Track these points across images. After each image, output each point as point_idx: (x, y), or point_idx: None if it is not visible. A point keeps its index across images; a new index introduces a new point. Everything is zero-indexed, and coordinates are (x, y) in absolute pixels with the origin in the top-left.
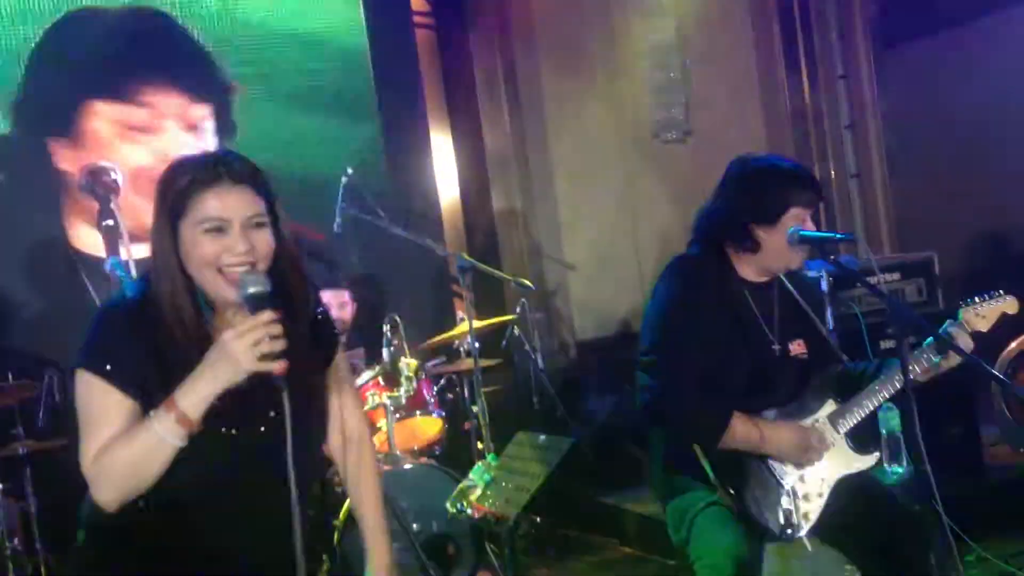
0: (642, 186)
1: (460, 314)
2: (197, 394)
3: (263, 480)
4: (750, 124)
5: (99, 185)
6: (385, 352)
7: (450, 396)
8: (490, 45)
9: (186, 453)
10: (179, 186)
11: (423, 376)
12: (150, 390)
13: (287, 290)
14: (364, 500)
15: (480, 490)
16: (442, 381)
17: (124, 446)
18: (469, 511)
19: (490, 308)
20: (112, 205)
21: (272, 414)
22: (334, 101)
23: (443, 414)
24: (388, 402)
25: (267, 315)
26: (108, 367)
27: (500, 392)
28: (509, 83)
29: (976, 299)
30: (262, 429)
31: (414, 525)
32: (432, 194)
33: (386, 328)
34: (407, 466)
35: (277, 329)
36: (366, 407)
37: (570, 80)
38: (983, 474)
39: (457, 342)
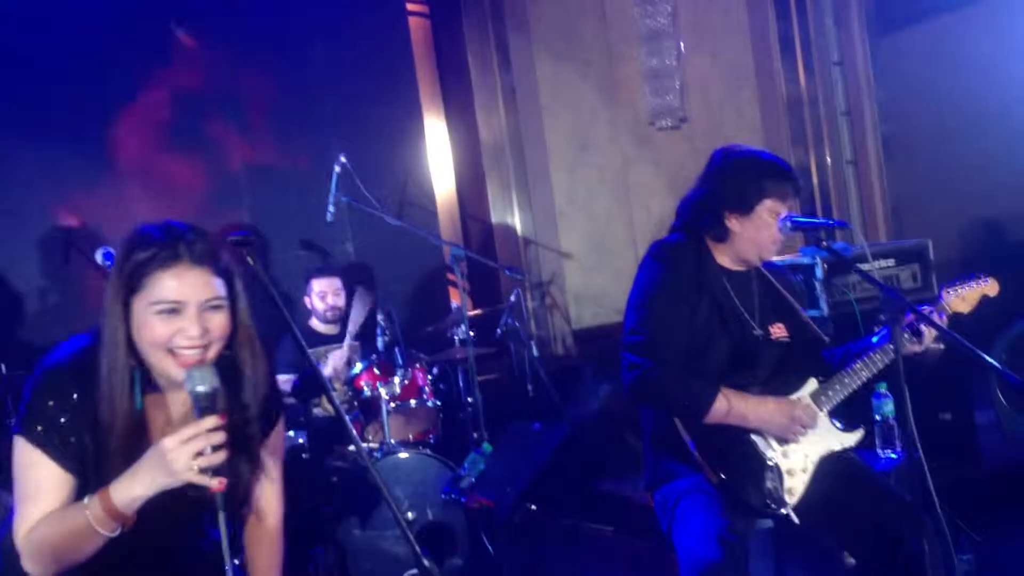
0: (637, 173)
1: (455, 303)
2: (131, 493)
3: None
4: (745, 111)
5: None
6: (379, 341)
7: (442, 386)
8: (484, 32)
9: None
10: (137, 260)
11: (418, 365)
12: (87, 464)
13: (239, 370)
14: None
15: (475, 479)
16: (436, 370)
17: (56, 529)
18: (464, 499)
19: (485, 297)
20: None
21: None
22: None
23: (438, 403)
24: (383, 391)
25: (210, 422)
26: (47, 438)
27: (495, 381)
28: (503, 70)
29: (957, 282)
30: (193, 523)
31: (409, 514)
32: (427, 183)
33: (380, 318)
34: (402, 455)
35: (219, 437)
36: (363, 395)
37: (565, 67)
38: (977, 460)
39: (452, 331)
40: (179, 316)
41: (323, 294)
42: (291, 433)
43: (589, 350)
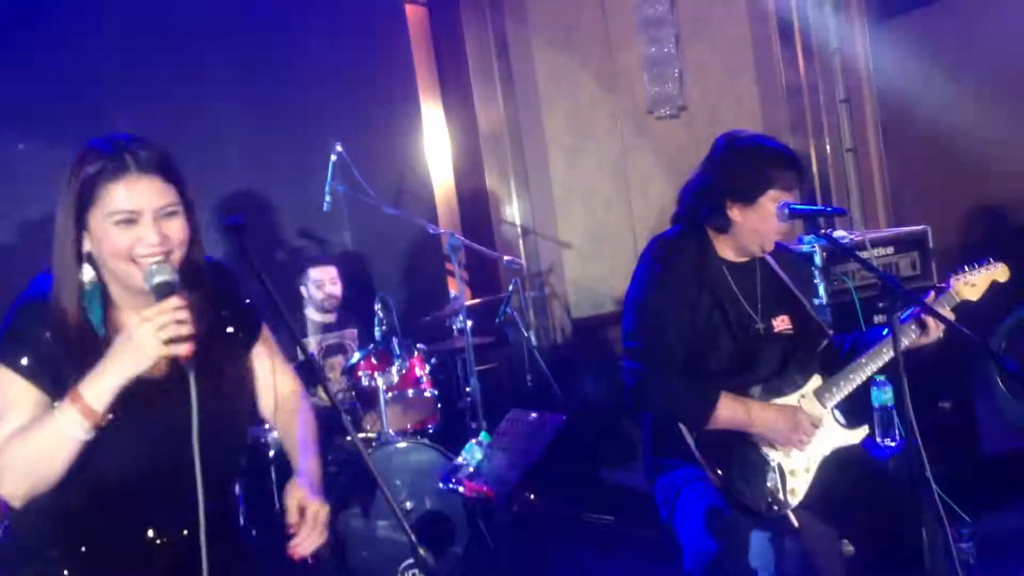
0: (637, 162)
1: (452, 292)
2: (102, 384)
3: (173, 466)
4: (744, 98)
5: None
6: (377, 331)
7: (440, 375)
8: (482, 21)
9: (94, 444)
10: (87, 174)
11: (415, 354)
12: (65, 384)
13: (200, 276)
14: (291, 433)
15: (473, 468)
16: (434, 359)
17: (26, 439)
18: (462, 489)
19: (483, 286)
20: None
21: (180, 403)
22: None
23: (436, 392)
24: (380, 381)
25: (173, 301)
26: (22, 360)
27: (494, 370)
28: (501, 59)
29: (966, 268)
30: (170, 418)
31: (407, 503)
32: (424, 172)
33: (377, 307)
34: (400, 445)
35: (183, 314)
36: (360, 385)
37: (563, 55)
38: (976, 447)
39: (450, 320)
40: (136, 225)
41: (320, 282)
42: None
43: (588, 339)
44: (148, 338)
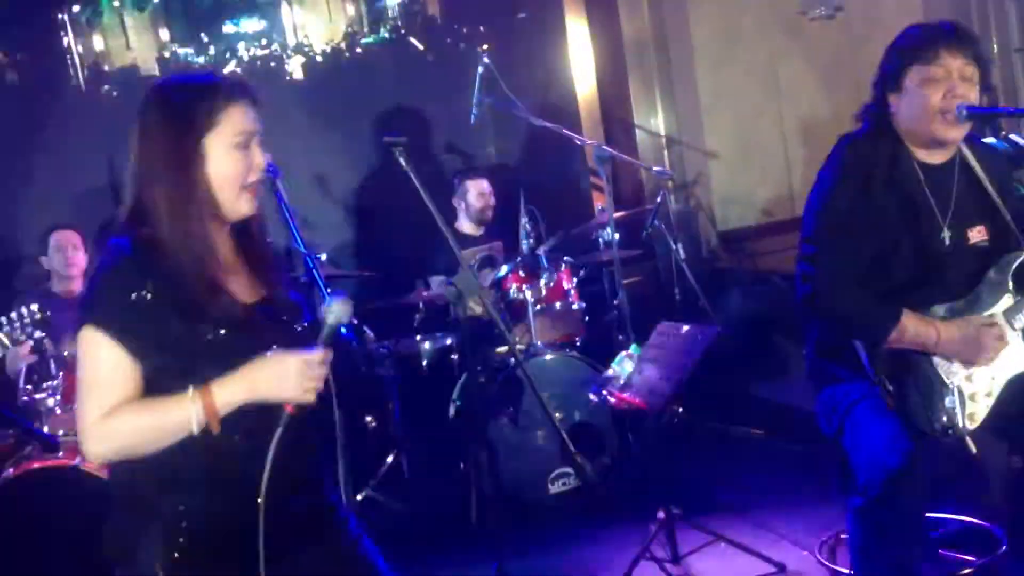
0: (788, 68)
1: (599, 204)
2: (233, 398)
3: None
4: None
5: None
6: (524, 244)
7: (588, 288)
8: None
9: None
10: (203, 100)
11: (563, 267)
12: (167, 349)
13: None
14: None
15: (624, 380)
16: (582, 272)
17: (150, 416)
18: (612, 400)
19: (629, 198)
20: None
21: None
22: None
23: (583, 305)
24: (528, 294)
25: (329, 354)
26: (121, 328)
27: (641, 283)
28: None
29: None
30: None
31: (557, 414)
32: (568, 83)
33: (524, 220)
34: (548, 357)
35: (325, 370)
36: (509, 298)
37: None
38: None
39: (596, 233)
40: (247, 150)
41: (480, 193)
42: (439, 334)
43: (735, 252)
44: (308, 384)
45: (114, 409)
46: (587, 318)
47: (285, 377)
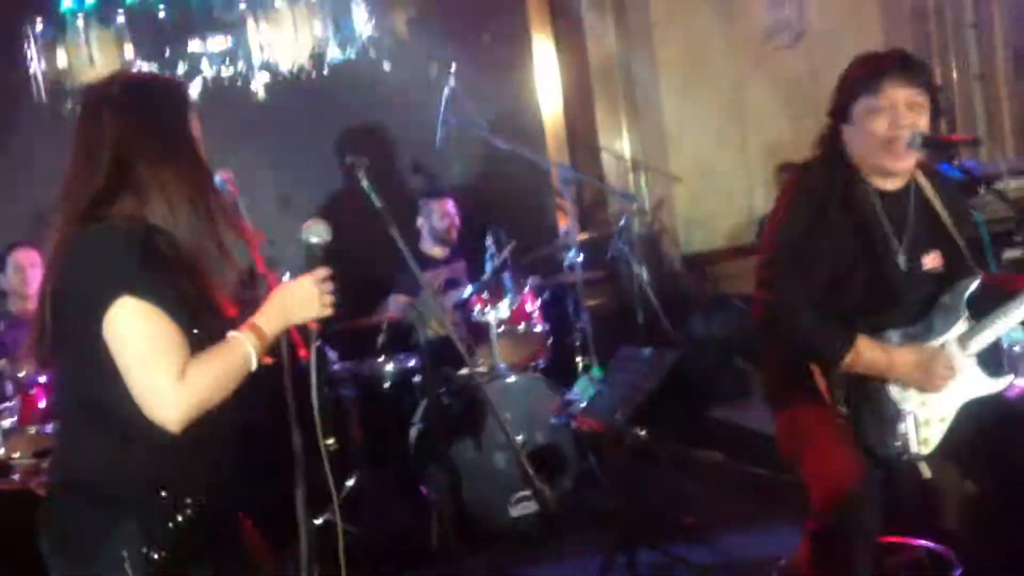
0: (752, 93)
1: (563, 226)
2: (276, 326)
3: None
4: (868, 24)
5: None
6: (489, 265)
7: (551, 310)
8: None
9: None
10: (188, 101)
11: (527, 289)
12: (188, 305)
13: None
14: None
15: (585, 403)
16: (546, 294)
17: (219, 363)
18: (574, 423)
19: (594, 221)
20: None
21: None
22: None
23: (547, 327)
24: (492, 315)
25: (327, 270)
26: (160, 295)
27: (604, 305)
28: None
29: None
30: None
31: (519, 436)
32: (534, 105)
33: (489, 241)
34: (511, 378)
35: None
36: (472, 319)
37: None
38: None
39: (561, 255)
40: None
41: (443, 213)
42: (402, 356)
43: (699, 275)
44: (324, 300)
45: (185, 369)
46: (550, 340)
47: (309, 297)
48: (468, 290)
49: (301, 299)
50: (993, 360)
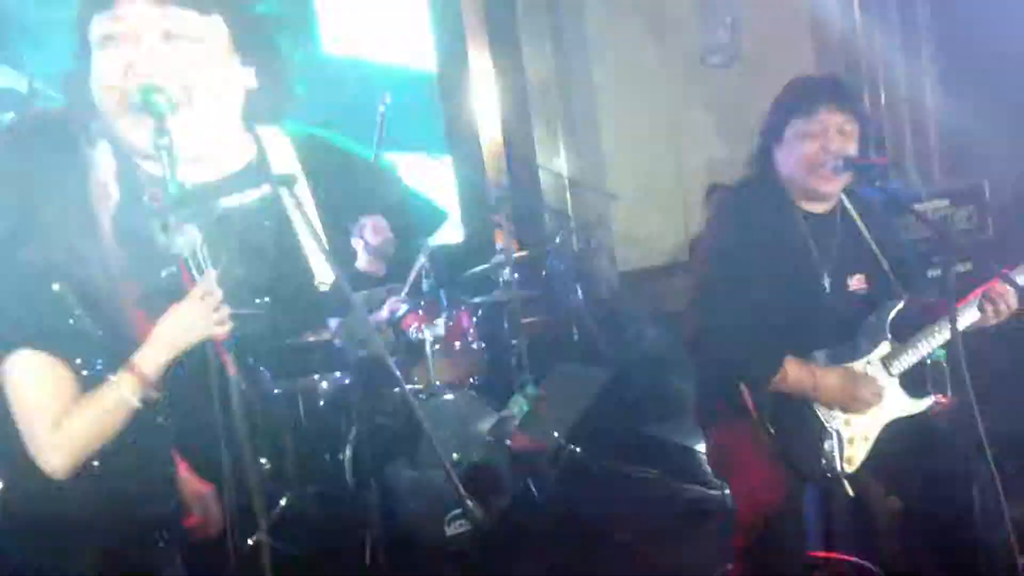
0: (687, 113)
1: (499, 244)
2: (159, 360)
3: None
4: (799, 47)
5: None
6: (424, 283)
7: (487, 328)
8: None
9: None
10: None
11: (462, 307)
12: (84, 340)
13: None
14: None
15: (520, 421)
16: (481, 312)
17: (88, 409)
18: (509, 441)
19: (530, 238)
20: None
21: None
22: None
23: (483, 345)
24: (427, 333)
25: (209, 279)
26: (56, 341)
27: (540, 323)
28: (551, 8)
29: None
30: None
31: (454, 455)
32: (472, 123)
33: (423, 258)
34: (447, 396)
35: (219, 293)
36: (407, 338)
37: (614, 3)
38: None
39: (497, 273)
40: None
41: (377, 227)
42: (337, 374)
43: (635, 293)
44: (205, 315)
45: (59, 418)
46: (486, 358)
47: (190, 318)
48: (403, 308)
49: (184, 326)
50: (916, 381)
